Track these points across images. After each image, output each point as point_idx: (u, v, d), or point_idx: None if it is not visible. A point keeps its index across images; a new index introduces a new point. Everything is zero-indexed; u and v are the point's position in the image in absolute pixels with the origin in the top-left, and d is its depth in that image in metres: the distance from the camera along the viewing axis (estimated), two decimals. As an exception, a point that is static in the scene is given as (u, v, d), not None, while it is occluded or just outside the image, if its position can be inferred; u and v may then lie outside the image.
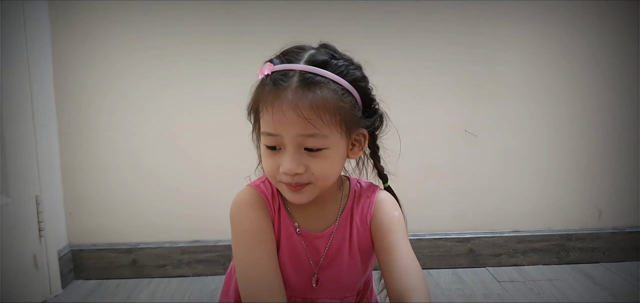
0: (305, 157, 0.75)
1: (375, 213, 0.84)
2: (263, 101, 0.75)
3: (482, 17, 1.56)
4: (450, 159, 1.61)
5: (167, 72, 1.52)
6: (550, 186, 1.64)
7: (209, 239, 1.57)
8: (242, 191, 0.84)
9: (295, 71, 0.75)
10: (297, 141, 0.74)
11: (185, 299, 1.41)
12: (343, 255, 0.83)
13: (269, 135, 0.75)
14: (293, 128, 0.72)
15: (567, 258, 1.63)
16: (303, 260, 0.83)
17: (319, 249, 0.83)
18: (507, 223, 1.64)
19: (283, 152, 0.75)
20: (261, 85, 0.78)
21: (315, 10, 1.52)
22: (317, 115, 0.72)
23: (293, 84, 0.73)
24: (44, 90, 1.45)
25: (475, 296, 1.40)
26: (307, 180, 0.75)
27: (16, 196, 1.31)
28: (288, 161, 0.74)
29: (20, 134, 1.33)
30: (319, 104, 0.73)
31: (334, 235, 0.83)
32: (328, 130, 0.74)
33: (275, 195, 0.83)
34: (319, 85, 0.74)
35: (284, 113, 0.72)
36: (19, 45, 1.33)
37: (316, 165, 0.75)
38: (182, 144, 1.55)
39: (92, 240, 1.57)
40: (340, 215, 0.84)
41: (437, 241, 1.61)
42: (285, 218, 0.83)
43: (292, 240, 0.82)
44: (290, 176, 0.74)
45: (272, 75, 0.76)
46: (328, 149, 0.75)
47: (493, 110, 1.60)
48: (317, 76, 0.74)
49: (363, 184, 0.88)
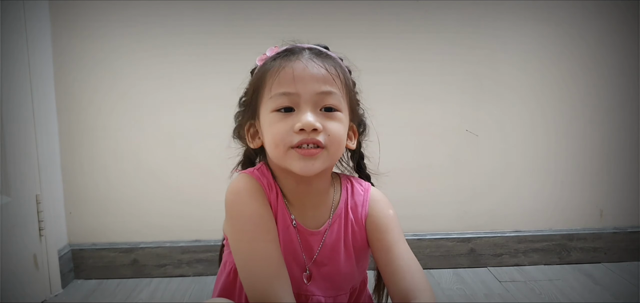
0: (321, 117, 0.74)
1: (371, 212, 0.83)
2: (273, 70, 0.76)
3: (483, 17, 1.55)
4: (451, 159, 1.60)
5: (168, 72, 1.52)
6: (552, 186, 1.63)
7: (210, 239, 1.57)
8: (238, 178, 0.79)
9: (303, 46, 0.79)
10: (314, 99, 0.74)
11: (186, 299, 1.41)
12: (338, 253, 0.82)
13: (283, 95, 0.74)
14: (313, 83, 0.74)
15: (569, 258, 1.63)
16: (297, 254, 0.81)
17: (313, 246, 0.81)
18: (508, 223, 1.64)
19: (298, 113, 0.74)
20: (269, 61, 0.79)
21: (315, 10, 1.52)
22: (332, 75, 0.75)
23: (306, 53, 0.77)
24: (45, 89, 1.44)
25: (476, 296, 1.40)
26: (322, 142, 0.73)
27: (16, 196, 1.31)
28: (308, 116, 0.72)
29: (20, 133, 1.33)
30: (334, 66, 0.77)
31: (327, 233, 0.81)
32: (341, 95, 0.76)
33: (272, 183, 0.80)
34: (329, 57, 0.79)
35: (305, 67, 0.74)
36: (19, 45, 1.32)
37: (332, 126, 0.74)
38: (183, 143, 1.55)
39: (92, 239, 1.56)
40: (333, 212, 0.83)
41: (438, 241, 1.61)
42: (283, 208, 0.80)
43: (288, 232, 0.80)
44: (308, 133, 0.72)
45: (279, 53, 0.79)
46: (341, 113, 0.77)
47: (494, 110, 1.59)
48: (326, 52, 0.79)
49: (353, 181, 0.87)
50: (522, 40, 1.57)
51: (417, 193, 1.59)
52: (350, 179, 0.87)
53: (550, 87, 1.60)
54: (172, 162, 1.55)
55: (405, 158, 1.57)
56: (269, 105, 0.76)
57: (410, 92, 1.57)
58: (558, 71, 1.59)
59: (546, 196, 1.64)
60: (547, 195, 1.64)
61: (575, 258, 1.63)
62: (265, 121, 0.77)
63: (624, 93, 1.60)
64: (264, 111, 0.77)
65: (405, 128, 1.57)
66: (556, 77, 1.59)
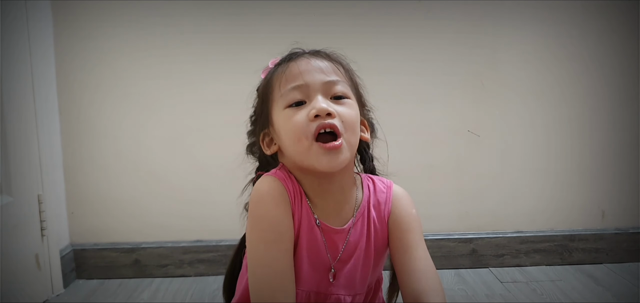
0: (332, 104, 0.76)
1: (393, 209, 0.84)
2: (278, 73, 0.80)
3: (484, 17, 1.56)
4: (452, 159, 1.60)
5: (170, 72, 1.52)
6: (553, 187, 1.63)
7: (211, 239, 1.57)
8: (263, 181, 0.79)
9: (302, 50, 0.83)
10: (323, 88, 0.77)
11: (187, 299, 1.41)
12: (360, 251, 0.82)
13: (294, 89, 0.77)
14: (319, 73, 0.77)
15: (570, 258, 1.63)
16: (321, 254, 0.81)
17: (337, 244, 0.81)
18: (510, 223, 1.63)
19: (309, 103, 0.76)
20: (272, 70, 0.83)
21: (317, 10, 1.52)
22: (336, 66, 0.80)
23: (306, 54, 0.82)
24: (47, 89, 1.45)
25: (478, 297, 1.40)
26: (338, 127, 0.74)
27: (18, 196, 1.31)
28: (319, 101, 0.75)
29: (22, 133, 1.33)
30: (336, 58, 0.82)
31: (351, 231, 0.82)
32: (346, 84, 0.80)
33: (296, 184, 0.80)
34: (329, 53, 0.83)
35: (309, 61, 0.78)
36: (21, 44, 1.33)
37: (344, 111, 0.77)
38: (185, 144, 1.55)
39: (94, 239, 1.57)
40: (356, 210, 0.83)
41: (440, 241, 1.61)
42: (307, 208, 0.80)
43: (312, 232, 0.80)
44: (323, 117, 0.74)
45: (281, 60, 0.83)
46: (351, 100, 0.79)
47: (496, 110, 1.59)
48: (324, 51, 0.83)
49: (375, 179, 0.88)
50: (524, 40, 1.57)
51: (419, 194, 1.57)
52: (371, 178, 0.88)
53: (552, 88, 1.59)
54: (174, 162, 1.55)
55: (406, 158, 1.57)
56: (280, 104, 0.78)
57: (411, 92, 1.57)
58: (559, 71, 1.59)
59: (548, 197, 1.64)
60: (549, 195, 1.63)
61: (577, 258, 1.63)
62: (280, 120, 0.78)
63: (626, 93, 1.60)
64: (276, 112, 0.79)
65: (407, 128, 1.57)
66: (557, 78, 1.59)
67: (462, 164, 1.61)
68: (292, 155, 0.79)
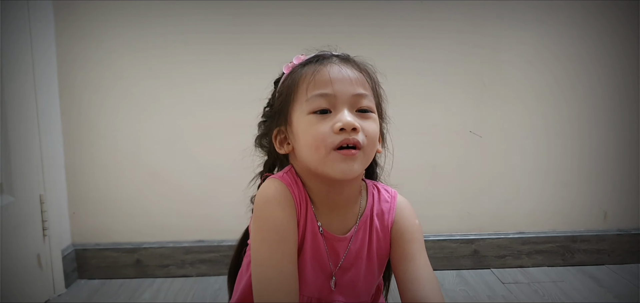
0: (357, 118, 0.75)
1: (397, 219, 0.84)
2: (306, 74, 0.78)
3: (486, 17, 1.55)
4: (454, 160, 1.60)
5: (172, 72, 1.52)
6: (555, 188, 1.63)
7: (213, 239, 1.57)
8: (268, 183, 0.78)
9: (331, 53, 0.81)
10: (350, 101, 0.76)
11: (189, 299, 1.41)
12: (361, 259, 0.82)
13: (320, 96, 0.75)
14: (348, 85, 0.76)
15: (572, 259, 1.62)
16: (324, 261, 0.81)
17: (339, 251, 0.81)
18: (512, 224, 1.63)
19: (335, 114, 0.75)
20: (298, 68, 0.81)
21: (318, 10, 1.51)
22: (364, 78, 0.79)
23: (335, 58, 0.79)
24: (48, 89, 1.45)
25: (479, 297, 1.40)
26: (361, 141, 0.74)
27: (20, 196, 1.31)
28: (346, 115, 0.74)
29: (24, 133, 1.33)
30: (364, 70, 0.81)
31: (353, 239, 0.81)
32: (372, 98, 0.79)
33: (302, 190, 0.80)
34: (359, 62, 0.82)
35: (340, 70, 0.77)
36: (23, 45, 1.33)
37: (368, 126, 0.76)
38: (186, 144, 1.55)
39: (95, 239, 1.57)
40: (359, 218, 0.83)
41: (441, 242, 1.60)
42: (311, 215, 0.79)
43: (316, 239, 0.80)
44: (348, 132, 0.73)
45: (309, 60, 0.81)
46: (375, 115, 0.79)
47: (497, 111, 1.59)
48: (353, 58, 0.82)
49: (380, 187, 0.87)
50: (526, 40, 1.57)
51: (420, 194, 1.59)
52: (376, 186, 0.87)
53: (554, 88, 1.59)
54: (175, 162, 1.55)
55: (408, 159, 1.57)
56: (304, 108, 0.76)
57: (413, 93, 1.57)
58: (561, 72, 1.59)
59: (550, 198, 1.63)
60: (551, 196, 1.63)
61: (579, 259, 1.62)
62: (301, 124, 0.77)
63: (628, 94, 1.60)
64: (298, 115, 0.77)
65: (409, 129, 1.56)
66: (559, 79, 1.59)
67: (463, 165, 1.60)
68: (307, 161, 0.78)
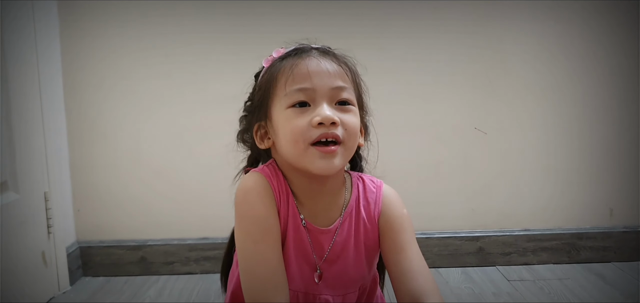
0: (336, 111, 0.75)
1: (384, 210, 0.83)
2: (284, 68, 0.77)
3: (491, 15, 1.54)
4: (459, 157, 1.59)
5: (175, 71, 1.52)
6: (561, 185, 1.62)
7: (217, 236, 1.57)
8: (248, 176, 0.79)
9: (310, 46, 0.80)
10: (329, 94, 0.75)
11: (193, 296, 1.41)
12: (348, 251, 0.81)
13: (299, 90, 0.74)
14: (327, 78, 0.75)
15: (578, 257, 1.61)
16: (308, 254, 0.80)
17: (323, 244, 0.81)
18: (517, 221, 1.62)
19: (314, 107, 0.74)
20: (277, 62, 0.80)
21: (320, 9, 1.51)
22: (344, 70, 0.78)
23: (314, 51, 0.79)
24: (53, 88, 1.45)
25: (485, 295, 1.39)
26: (340, 135, 0.73)
27: (25, 193, 1.31)
28: (325, 109, 0.73)
29: (29, 131, 1.33)
30: (344, 63, 0.80)
31: (338, 231, 0.81)
32: (352, 90, 0.78)
33: (283, 183, 0.79)
34: (338, 55, 0.81)
35: (319, 63, 0.76)
36: (28, 44, 1.33)
37: (348, 119, 0.75)
38: (190, 141, 1.55)
39: (100, 236, 1.57)
40: (344, 210, 0.82)
41: (447, 239, 1.60)
42: (293, 208, 0.79)
43: (298, 232, 0.79)
44: (327, 126, 0.72)
45: (288, 53, 0.80)
46: (354, 107, 0.78)
47: (503, 108, 1.58)
48: (333, 51, 0.81)
49: (365, 178, 0.87)
50: (531, 38, 1.56)
51: (425, 192, 1.58)
52: (361, 177, 0.87)
53: (559, 86, 1.58)
54: (179, 160, 1.55)
55: (413, 156, 1.57)
56: (283, 102, 0.76)
57: (418, 90, 1.56)
58: (566, 69, 1.58)
59: (555, 195, 1.62)
60: (557, 193, 1.62)
61: (585, 257, 1.62)
62: (280, 118, 0.76)
63: (635, 91, 1.59)
64: (277, 109, 0.77)
65: (413, 126, 1.56)
66: (564, 76, 1.58)
67: (469, 162, 1.60)
68: (286, 155, 0.77)
